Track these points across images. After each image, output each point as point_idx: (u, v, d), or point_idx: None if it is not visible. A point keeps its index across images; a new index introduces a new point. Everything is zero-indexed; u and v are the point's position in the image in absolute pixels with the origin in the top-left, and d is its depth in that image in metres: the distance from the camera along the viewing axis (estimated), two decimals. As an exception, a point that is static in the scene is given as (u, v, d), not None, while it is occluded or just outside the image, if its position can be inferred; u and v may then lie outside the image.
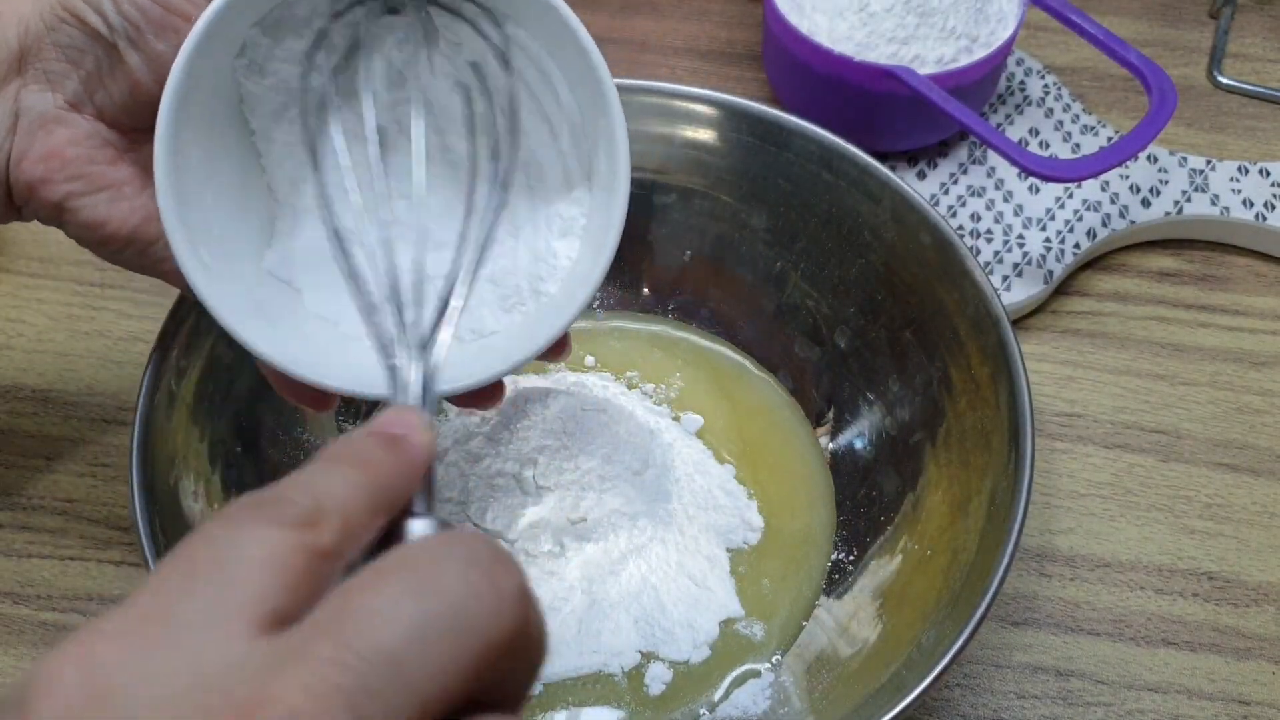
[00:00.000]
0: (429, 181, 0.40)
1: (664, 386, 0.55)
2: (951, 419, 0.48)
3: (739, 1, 0.75)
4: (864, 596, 0.48)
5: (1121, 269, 0.62)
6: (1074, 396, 0.57)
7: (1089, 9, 0.73)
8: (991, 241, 0.60)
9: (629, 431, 0.50)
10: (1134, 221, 0.61)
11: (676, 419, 0.53)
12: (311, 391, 0.38)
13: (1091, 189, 0.62)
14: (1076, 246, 0.60)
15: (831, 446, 0.53)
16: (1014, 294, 0.58)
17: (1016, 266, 0.59)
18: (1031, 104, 0.67)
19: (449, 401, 0.41)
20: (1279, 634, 0.50)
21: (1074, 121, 0.66)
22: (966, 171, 0.64)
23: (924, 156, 0.64)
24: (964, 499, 0.45)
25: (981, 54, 0.60)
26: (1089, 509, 0.53)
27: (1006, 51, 0.61)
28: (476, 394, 0.39)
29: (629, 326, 0.57)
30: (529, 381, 0.52)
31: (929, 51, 0.60)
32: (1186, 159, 0.64)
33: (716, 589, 0.48)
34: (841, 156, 0.50)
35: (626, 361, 0.55)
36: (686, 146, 0.54)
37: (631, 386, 0.54)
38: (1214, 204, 0.62)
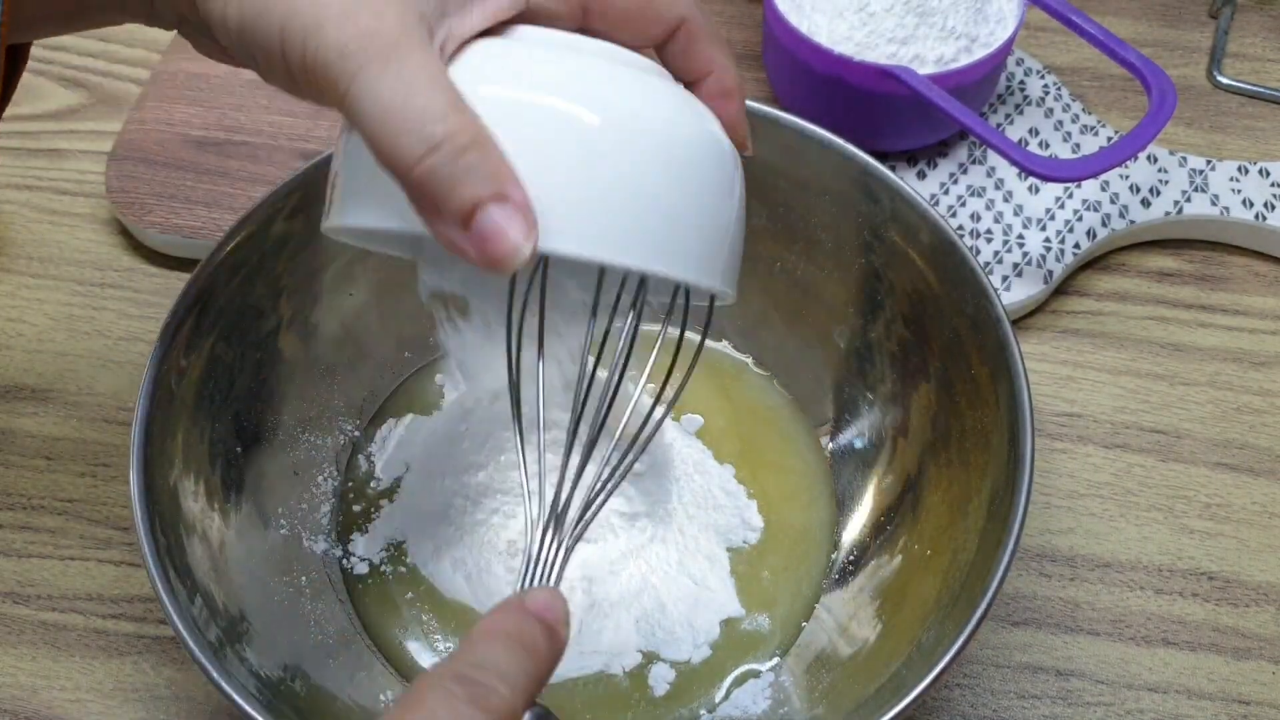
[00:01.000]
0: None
1: (678, 375, 0.55)
2: (951, 419, 0.48)
3: (738, 1, 0.75)
4: (864, 596, 0.48)
5: (1121, 269, 0.62)
6: (1074, 396, 0.57)
7: (1089, 9, 0.73)
8: (991, 241, 0.60)
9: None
10: (1134, 221, 0.61)
11: (676, 419, 0.53)
12: None
13: (1091, 189, 0.62)
14: (1076, 246, 0.60)
15: (831, 446, 0.53)
16: (1014, 294, 0.58)
17: (1016, 266, 0.59)
18: (1031, 104, 0.67)
19: None
20: (1279, 634, 0.50)
21: (1074, 121, 0.66)
22: (966, 171, 0.64)
23: (924, 156, 0.64)
24: (964, 499, 0.45)
25: (981, 54, 0.60)
26: (1088, 509, 0.53)
27: (1006, 51, 0.61)
28: None
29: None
30: None
31: (929, 51, 0.60)
32: (1186, 159, 0.64)
33: (717, 589, 0.48)
34: (841, 156, 0.50)
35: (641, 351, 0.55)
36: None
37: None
38: (1214, 204, 0.62)
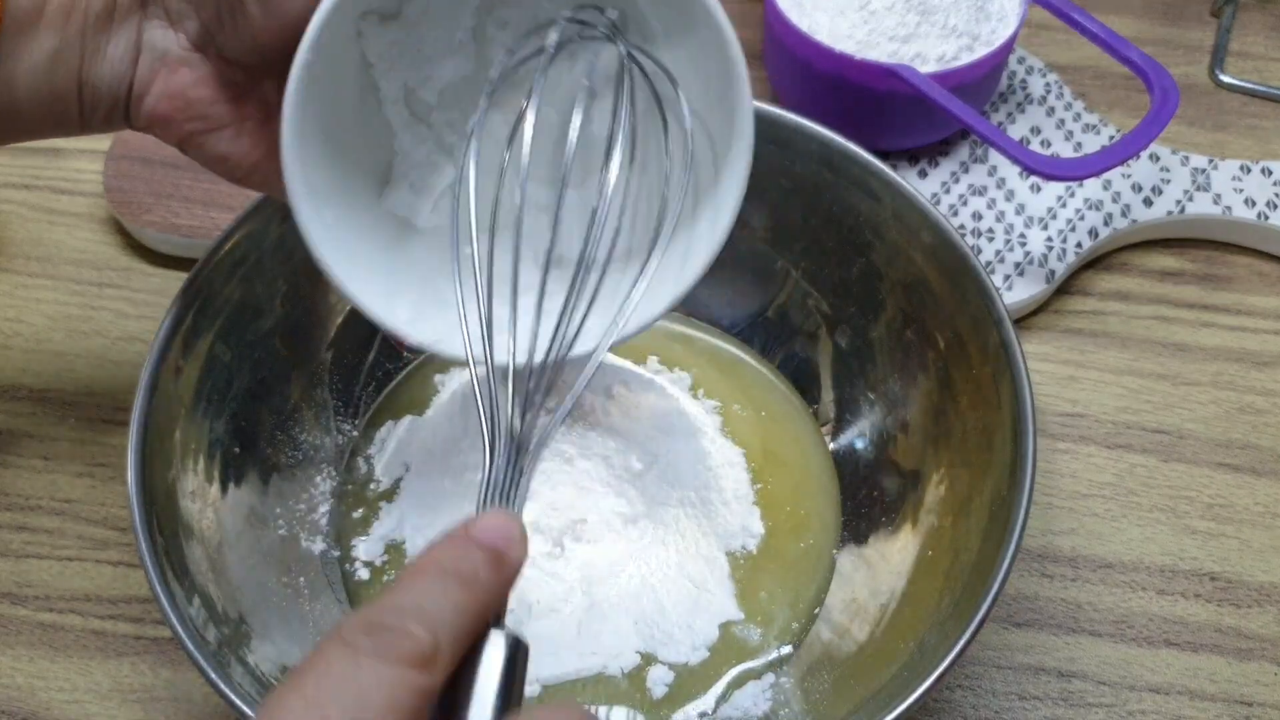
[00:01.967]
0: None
1: (684, 374, 0.55)
2: (953, 419, 0.48)
3: (738, 1, 0.74)
4: (864, 597, 0.48)
5: (1123, 268, 0.62)
6: (1076, 396, 0.57)
7: (1091, 7, 0.73)
8: (993, 240, 0.60)
9: (651, 406, 0.50)
10: (1136, 220, 0.61)
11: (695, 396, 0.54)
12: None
13: (1093, 188, 0.62)
14: (1078, 246, 0.60)
15: (833, 446, 0.53)
16: (1016, 293, 0.58)
17: (1018, 266, 0.59)
18: (1033, 102, 0.66)
19: None
20: (1282, 635, 0.50)
21: (1076, 120, 0.65)
22: (968, 170, 0.63)
23: (925, 155, 0.64)
24: (965, 499, 0.45)
25: (983, 52, 0.60)
26: (1091, 509, 0.53)
27: (1008, 50, 0.61)
28: None
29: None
30: None
31: (930, 50, 0.60)
32: (1189, 158, 0.64)
33: (716, 591, 0.48)
34: (843, 155, 0.50)
35: (645, 349, 0.55)
36: (687, 145, 0.54)
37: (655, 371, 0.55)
38: (1216, 203, 0.62)
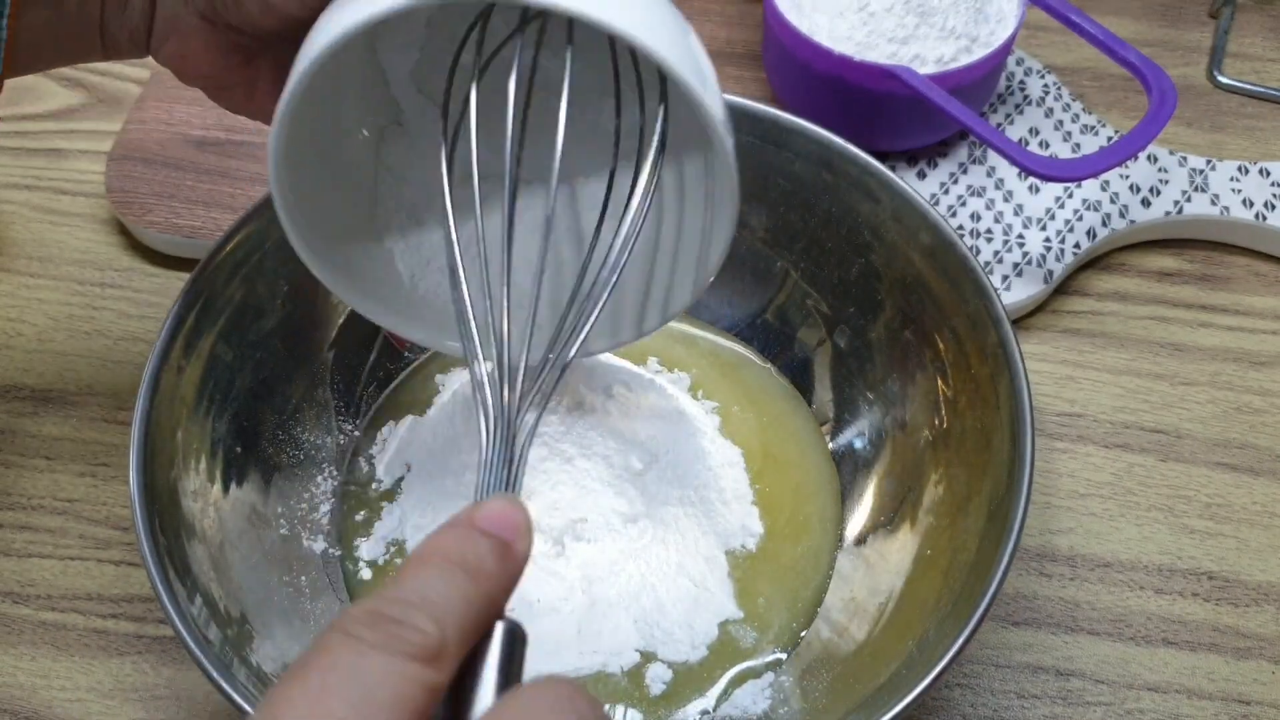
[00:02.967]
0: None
1: (684, 375, 0.55)
2: (951, 419, 0.48)
3: (738, 1, 0.75)
4: (863, 596, 0.48)
5: (1121, 269, 0.62)
6: (1074, 396, 0.57)
7: (1089, 9, 0.73)
8: (991, 241, 0.60)
9: (651, 406, 0.50)
10: (1134, 221, 0.61)
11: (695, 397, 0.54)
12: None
13: (1091, 189, 0.62)
14: (1076, 246, 0.60)
15: (832, 446, 0.53)
16: (1014, 294, 0.58)
17: (1016, 266, 0.59)
18: (1031, 104, 0.67)
19: None
20: (1279, 634, 0.50)
21: (1074, 121, 0.66)
22: (966, 171, 0.63)
23: (924, 156, 0.64)
24: (964, 499, 0.45)
25: (981, 54, 0.60)
26: (1089, 509, 0.53)
27: (1006, 51, 0.61)
28: None
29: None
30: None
31: (929, 51, 0.60)
32: (1186, 159, 0.64)
33: (715, 590, 0.48)
34: (842, 156, 0.50)
35: (646, 349, 0.56)
36: (686, 146, 0.54)
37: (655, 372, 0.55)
38: (1214, 204, 0.62)
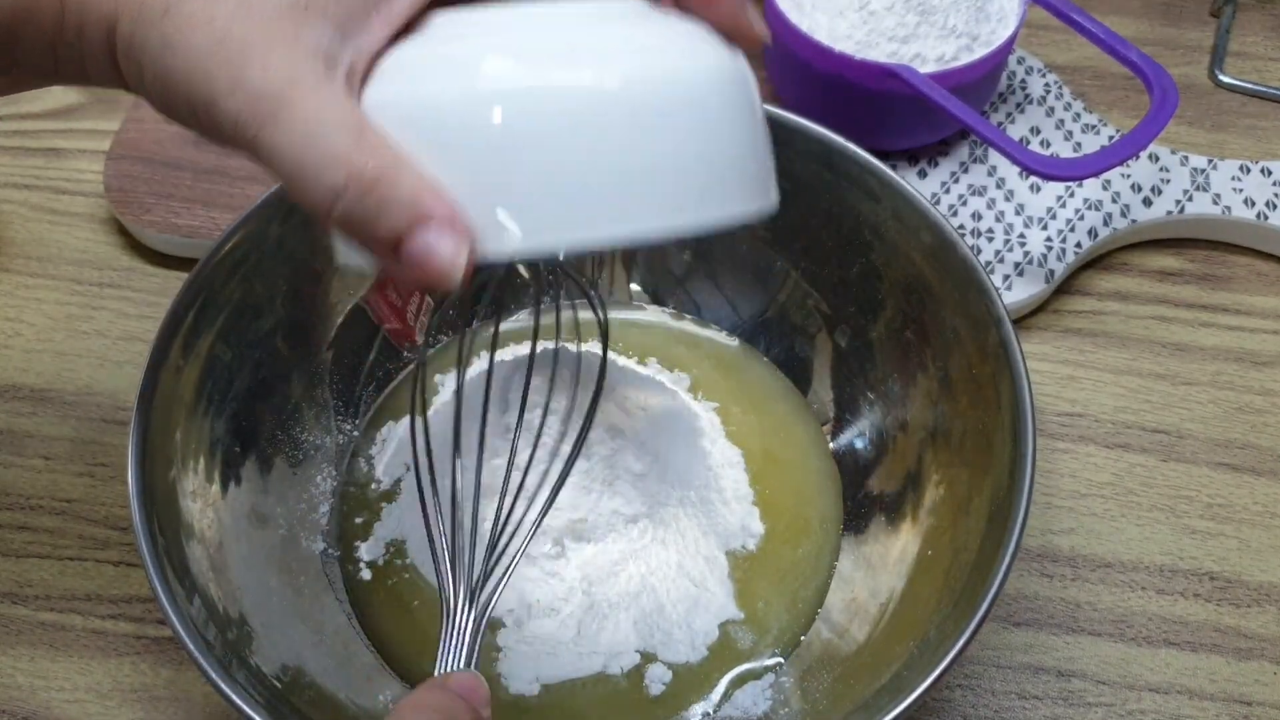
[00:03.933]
0: None
1: (684, 375, 0.55)
2: (952, 419, 0.48)
3: (739, 0, 0.74)
4: (864, 596, 0.48)
5: (1123, 268, 0.62)
6: (1075, 396, 0.57)
7: (1090, 7, 0.73)
8: (993, 240, 0.60)
9: (651, 406, 0.50)
10: (1135, 220, 0.61)
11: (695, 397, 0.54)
12: None
13: (1093, 188, 0.62)
14: (1078, 246, 0.60)
15: (832, 446, 0.53)
16: (1015, 293, 0.58)
17: (1018, 266, 0.59)
18: (1032, 103, 0.67)
19: None
20: (1281, 634, 0.50)
21: (1075, 120, 0.66)
22: (967, 170, 0.63)
23: (924, 155, 0.64)
24: (965, 499, 0.45)
25: (982, 52, 0.60)
26: (1090, 509, 0.53)
27: (1007, 50, 0.61)
28: None
29: (641, 320, 0.57)
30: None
31: (929, 50, 0.60)
32: (1188, 158, 0.64)
33: (715, 591, 0.48)
34: (843, 155, 0.50)
35: (648, 349, 0.56)
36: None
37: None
38: (1215, 203, 0.62)
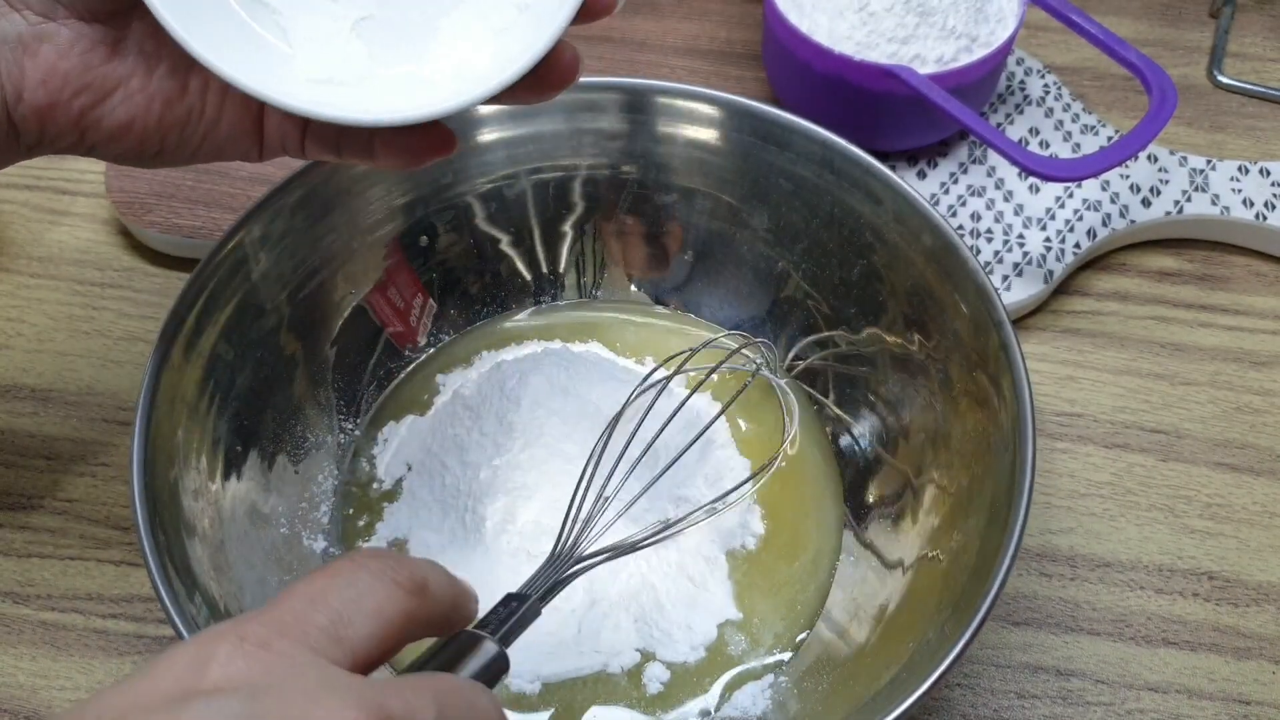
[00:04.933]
0: None
1: (685, 375, 0.55)
2: (952, 419, 0.48)
3: (738, 1, 0.75)
4: (864, 598, 0.48)
5: (1122, 268, 0.62)
6: (1074, 396, 0.57)
7: (1089, 8, 0.73)
8: (992, 241, 0.60)
9: (653, 406, 0.50)
10: (1134, 221, 0.61)
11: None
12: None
13: (1092, 188, 0.62)
14: (1077, 246, 0.60)
15: (833, 447, 0.53)
16: (1014, 293, 0.58)
17: (1017, 266, 0.59)
18: (1031, 103, 0.67)
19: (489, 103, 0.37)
20: (1279, 634, 0.50)
21: (1074, 121, 0.66)
22: (967, 171, 0.63)
23: (924, 156, 0.64)
24: (965, 500, 0.45)
25: (981, 53, 0.60)
26: (1089, 509, 0.53)
27: (1006, 51, 0.61)
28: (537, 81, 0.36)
29: (641, 319, 0.57)
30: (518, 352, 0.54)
31: (929, 51, 0.60)
32: (1187, 158, 0.64)
33: (715, 590, 0.48)
34: (844, 157, 0.50)
35: (646, 350, 0.56)
36: (688, 146, 0.54)
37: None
38: (1214, 203, 0.62)
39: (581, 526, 0.43)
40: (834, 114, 0.58)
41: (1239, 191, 0.62)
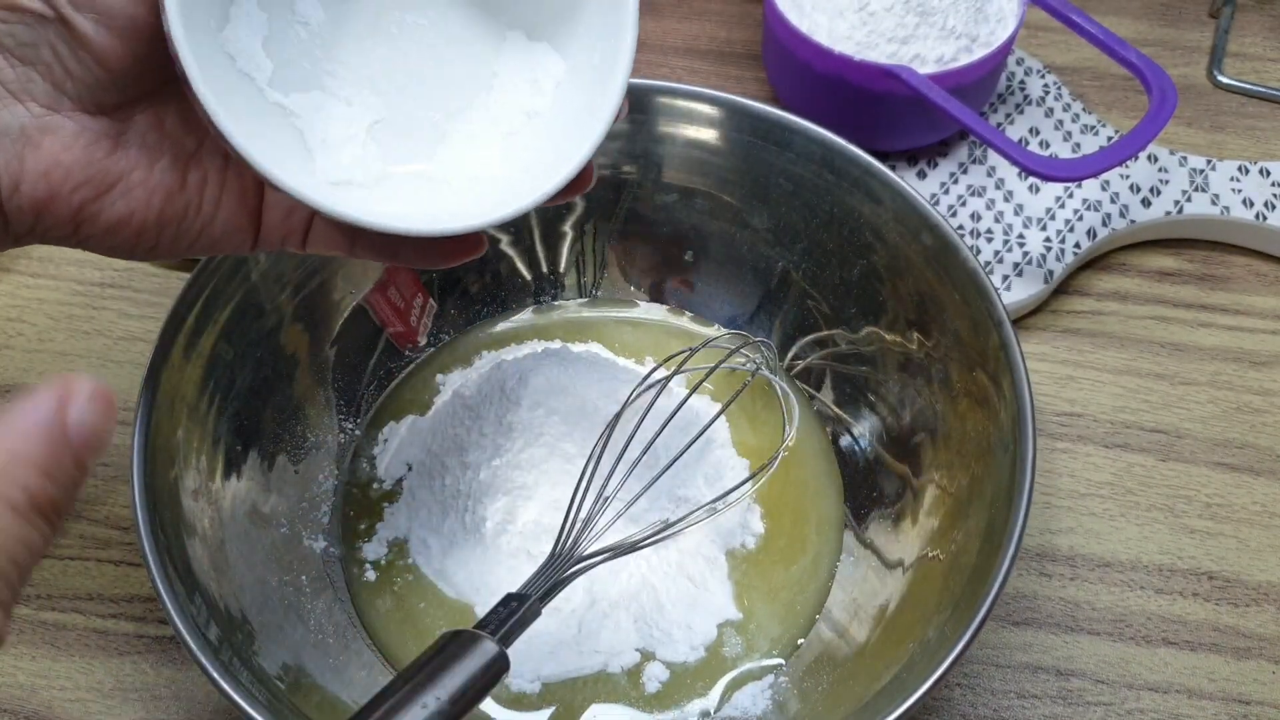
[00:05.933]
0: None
1: (685, 375, 0.55)
2: (953, 419, 0.48)
3: (738, 1, 0.75)
4: (864, 598, 0.48)
5: (1122, 268, 0.62)
6: (1074, 396, 0.57)
7: (1089, 8, 0.73)
8: (992, 241, 0.60)
9: (654, 406, 0.51)
10: (1134, 221, 0.61)
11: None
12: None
13: (1092, 188, 0.62)
14: (1077, 246, 0.60)
15: (833, 448, 0.53)
16: (1014, 293, 0.58)
17: (1017, 266, 0.59)
18: (1031, 103, 0.67)
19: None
20: (1279, 633, 0.50)
21: (1074, 121, 0.66)
22: (967, 171, 0.63)
23: (924, 156, 0.64)
24: (965, 500, 0.45)
25: (981, 53, 0.60)
26: (1089, 509, 0.53)
27: (1006, 51, 0.61)
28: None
29: (640, 319, 0.57)
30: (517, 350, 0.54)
31: (929, 51, 0.60)
32: (1187, 158, 0.64)
33: (715, 591, 0.48)
34: (844, 157, 0.50)
35: (646, 350, 0.56)
36: (689, 146, 0.54)
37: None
38: (1214, 203, 0.62)
39: (581, 526, 0.43)
40: (834, 114, 0.58)
41: (1239, 191, 0.62)
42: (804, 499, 0.52)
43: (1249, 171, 0.63)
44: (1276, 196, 0.62)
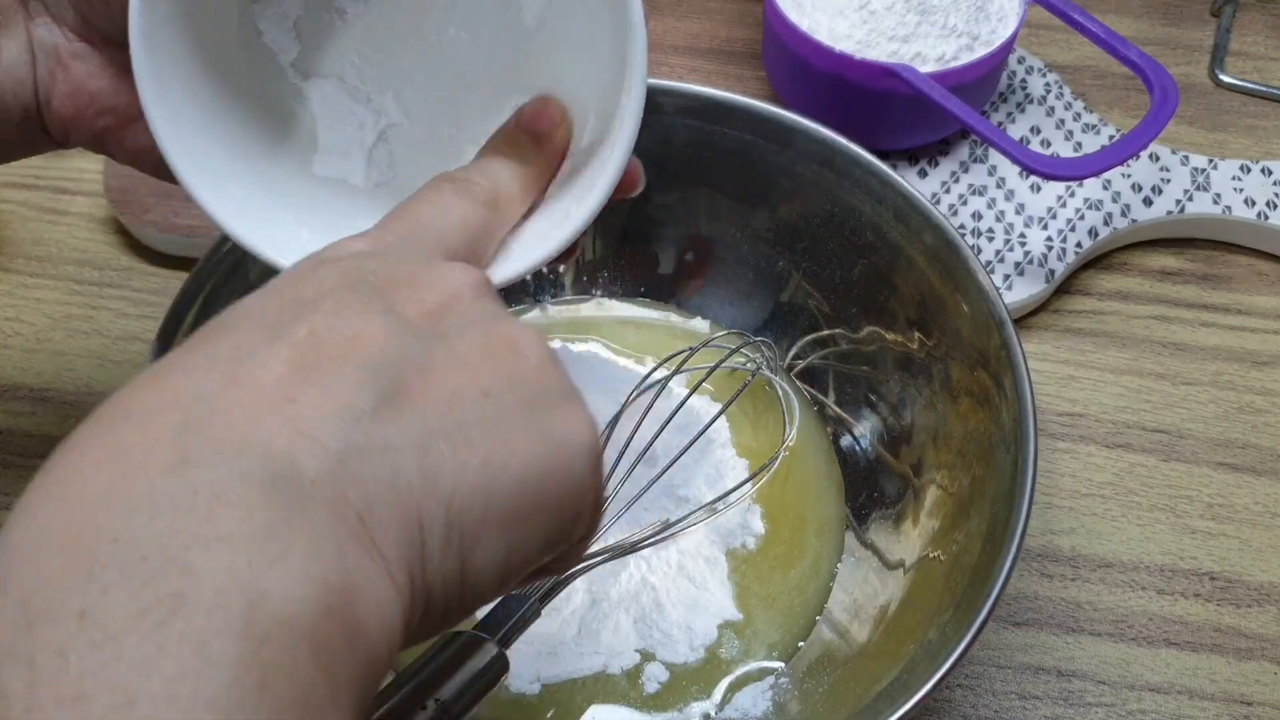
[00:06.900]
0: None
1: (685, 374, 0.55)
2: (954, 420, 0.48)
3: (738, 0, 0.74)
4: (865, 598, 0.48)
5: (1123, 268, 0.62)
6: (1075, 396, 0.57)
7: (1090, 7, 0.73)
8: (993, 240, 0.60)
9: (653, 406, 0.50)
10: (1136, 220, 0.61)
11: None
12: None
13: (1093, 187, 0.62)
14: (1078, 245, 0.60)
15: (834, 448, 0.53)
16: (1015, 293, 0.58)
17: (1018, 265, 0.59)
18: (1033, 102, 0.66)
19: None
20: (1281, 634, 0.50)
21: (1075, 120, 0.66)
22: (968, 170, 0.63)
23: (925, 155, 0.64)
24: (966, 500, 0.45)
25: (983, 52, 0.60)
26: (1090, 509, 0.53)
27: (1008, 50, 0.61)
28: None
29: (640, 318, 0.57)
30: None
31: (930, 49, 0.60)
32: (1188, 158, 0.64)
33: (715, 591, 0.48)
34: (845, 156, 0.50)
35: (647, 350, 0.56)
36: (689, 145, 0.54)
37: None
38: (1216, 203, 0.62)
39: None
40: (834, 113, 0.58)
41: (1241, 191, 0.62)
42: (804, 499, 0.51)
43: (1251, 171, 0.63)
44: (1278, 196, 0.62)
